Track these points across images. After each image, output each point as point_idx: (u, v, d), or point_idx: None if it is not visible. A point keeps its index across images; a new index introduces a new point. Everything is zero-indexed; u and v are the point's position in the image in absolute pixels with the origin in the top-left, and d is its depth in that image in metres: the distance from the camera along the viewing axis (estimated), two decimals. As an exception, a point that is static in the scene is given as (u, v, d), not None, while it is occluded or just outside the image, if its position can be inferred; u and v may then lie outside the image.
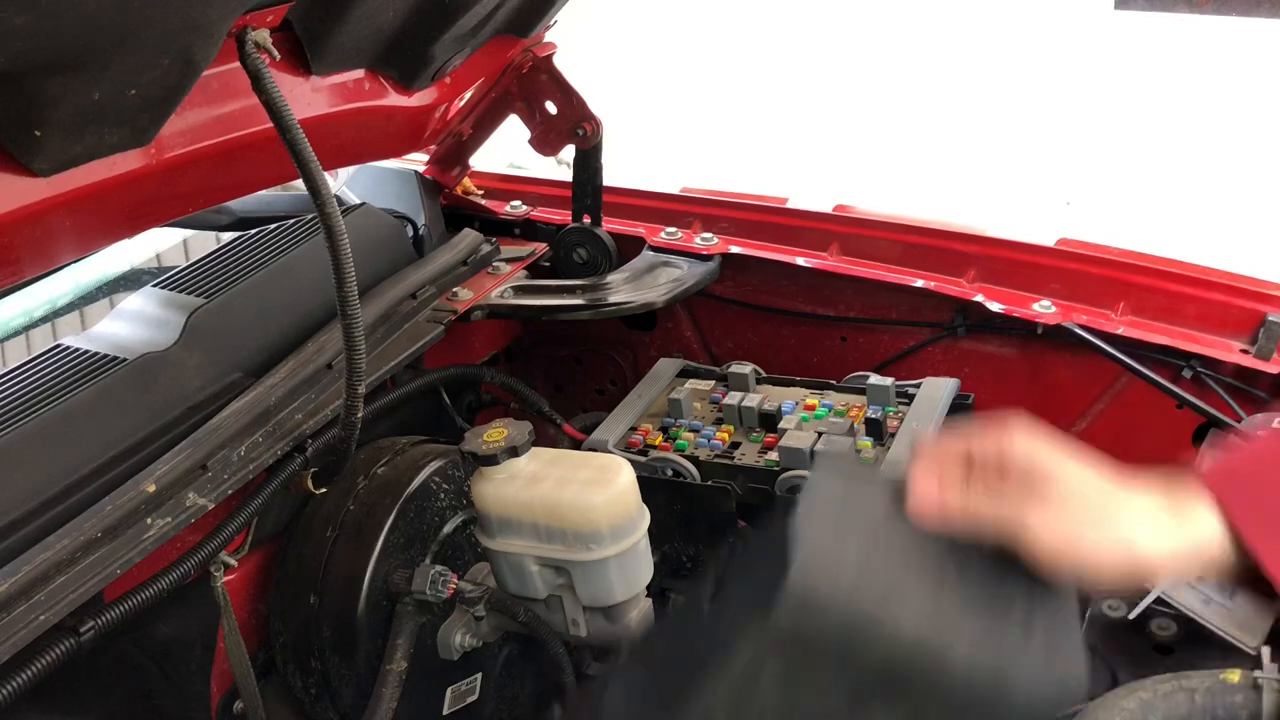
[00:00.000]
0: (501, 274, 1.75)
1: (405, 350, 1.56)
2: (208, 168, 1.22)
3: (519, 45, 1.63)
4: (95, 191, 1.09)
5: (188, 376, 1.39)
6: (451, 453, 1.47)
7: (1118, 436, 1.54)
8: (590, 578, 1.30)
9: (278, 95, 1.09)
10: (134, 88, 0.99)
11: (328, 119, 1.31)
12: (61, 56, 0.89)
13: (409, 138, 1.63)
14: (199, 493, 1.25)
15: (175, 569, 1.23)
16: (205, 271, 1.58)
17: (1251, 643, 1.30)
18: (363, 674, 1.37)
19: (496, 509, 1.31)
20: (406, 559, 1.39)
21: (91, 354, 1.38)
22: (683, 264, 1.72)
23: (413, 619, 1.36)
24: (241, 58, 1.06)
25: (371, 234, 1.72)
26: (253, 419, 1.33)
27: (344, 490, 1.43)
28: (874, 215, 1.75)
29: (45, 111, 0.94)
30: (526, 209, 1.90)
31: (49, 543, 1.12)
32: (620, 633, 1.35)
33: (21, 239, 1.10)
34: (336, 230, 1.16)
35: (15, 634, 1.06)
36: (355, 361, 1.23)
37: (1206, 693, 1.17)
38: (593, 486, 1.27)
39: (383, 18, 1.25)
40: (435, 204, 1.89)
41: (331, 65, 1.29)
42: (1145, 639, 1.47)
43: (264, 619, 1.46)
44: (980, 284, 1.58)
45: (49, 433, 1.25)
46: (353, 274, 1.18)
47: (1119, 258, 1.55)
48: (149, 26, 0.92)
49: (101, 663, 1.26)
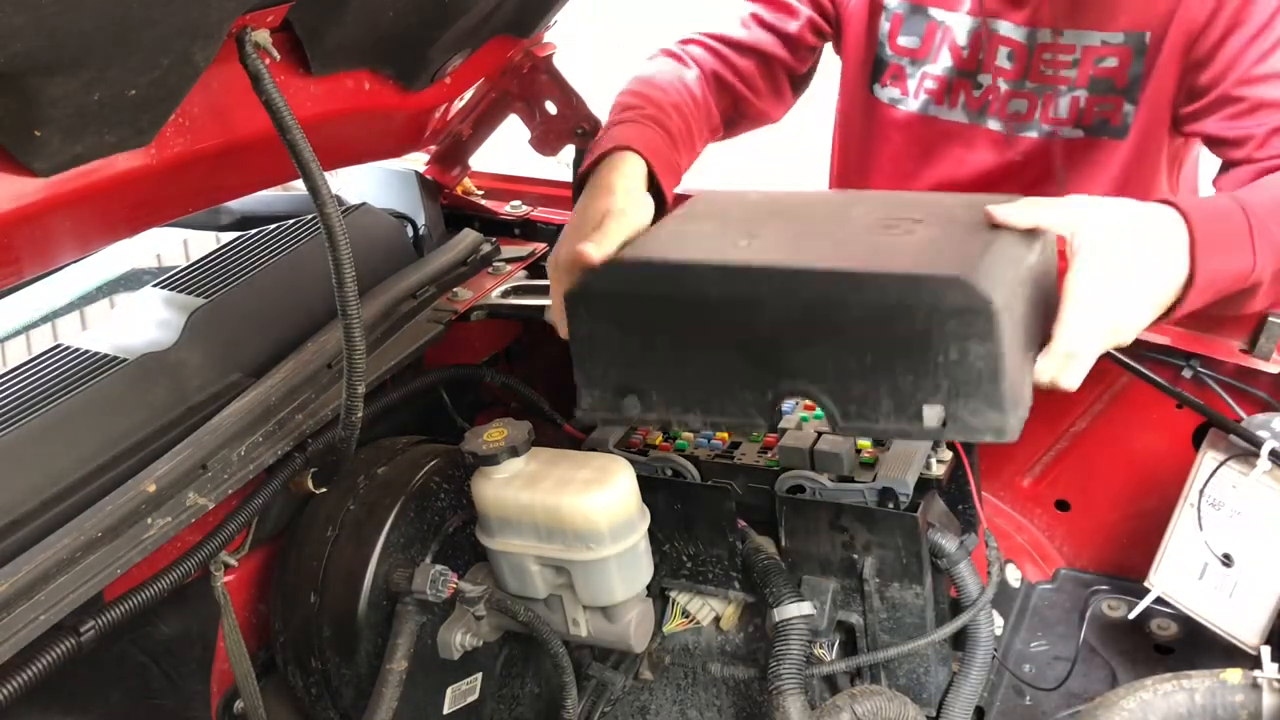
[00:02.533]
0: (502, 274, 1.75)
1: (405, 350, 1.56)
2: (208, 168, 1.22)
3: (519, 46, 1.63)
4: (95, 192, 1.09)
5: (188, 376, 1.39)
6: (452, 453, 1.47)
7: (1118, 436, 1.54)
8: (590, 577, 1.30)
9: (277, 96, 1.09)
10: (134, 88, 0.99)
11: (327, 119, 1.31)
12: (61, 57, 0.89)
13: (409, 138, 1.63)
14: (199, 492, 1.25)
15: (175, 569, 1.23)
16: (205, 271, 1.58)
17: (1251, 643, 1.30)
18: (363, 673, 1.37)
19: (496, 509, 1.31)
20: (407, 559, 1.40)
21: (92, 354, 1.38)
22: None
23: (413, 619, 1.36)
24: (241, 58, 1.07)
25: (371, 234, 1.72)
26: (253, 419, 1.33)
27: (344, 490, 1.43)
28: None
29: (45, 112, 0.94)
30: (526, 209, 1.90)
31: (49, 543, 1.12)
32: (620, 632, 1.35)
33: (21, 239, 1.10)
34: (336, 230, 1.16)
35: (15, 634, 1.06)
36: (355, 361, 1.23)
37: (1206, 692, 1.17)
38: (593, 486, 1.27)
39: (383, 18, 1.25)
40: (435, 204, 1.89)
41: (331, 65, 1.29)
42: (1145, 639, 1.48)
43: (264, 619, 1.47)
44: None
45: (49, 433, 1.25)
46: (353, 274, 1.19)
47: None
48: (149, 27, 0.92)
49: (101, 663, 1.26)
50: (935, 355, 1.04)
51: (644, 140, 1.43)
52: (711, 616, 1.48)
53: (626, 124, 1.46)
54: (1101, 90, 1.60)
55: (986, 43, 1.65)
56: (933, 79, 1.73)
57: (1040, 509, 1.65)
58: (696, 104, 1.62)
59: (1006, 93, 1.67)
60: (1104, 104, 1.61)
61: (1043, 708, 1.49)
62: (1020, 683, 1.52)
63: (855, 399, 1.09)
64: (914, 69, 1.73)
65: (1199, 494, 1.33)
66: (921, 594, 1.35)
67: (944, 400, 1.06)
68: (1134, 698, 1.17)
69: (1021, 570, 1.58)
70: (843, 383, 1.09)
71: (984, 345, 1.03)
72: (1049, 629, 1.56)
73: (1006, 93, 1.67)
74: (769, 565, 1.37)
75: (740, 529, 1.41)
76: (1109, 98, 1.60)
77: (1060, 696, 1.49)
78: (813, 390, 1.11)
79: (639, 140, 1.42)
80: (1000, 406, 1.05)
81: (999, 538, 1.52)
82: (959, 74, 1.70)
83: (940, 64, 1.71)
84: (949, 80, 1.71)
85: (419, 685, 1.38)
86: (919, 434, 1.08)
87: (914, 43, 1.71)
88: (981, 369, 1.04)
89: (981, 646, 1.37)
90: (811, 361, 1.10)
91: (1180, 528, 1.35)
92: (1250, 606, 1.30)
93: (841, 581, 1.38)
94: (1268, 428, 1.29)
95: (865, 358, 1.07)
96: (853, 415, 1.10)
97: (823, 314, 1.08)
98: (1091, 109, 1.62)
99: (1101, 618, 1.52)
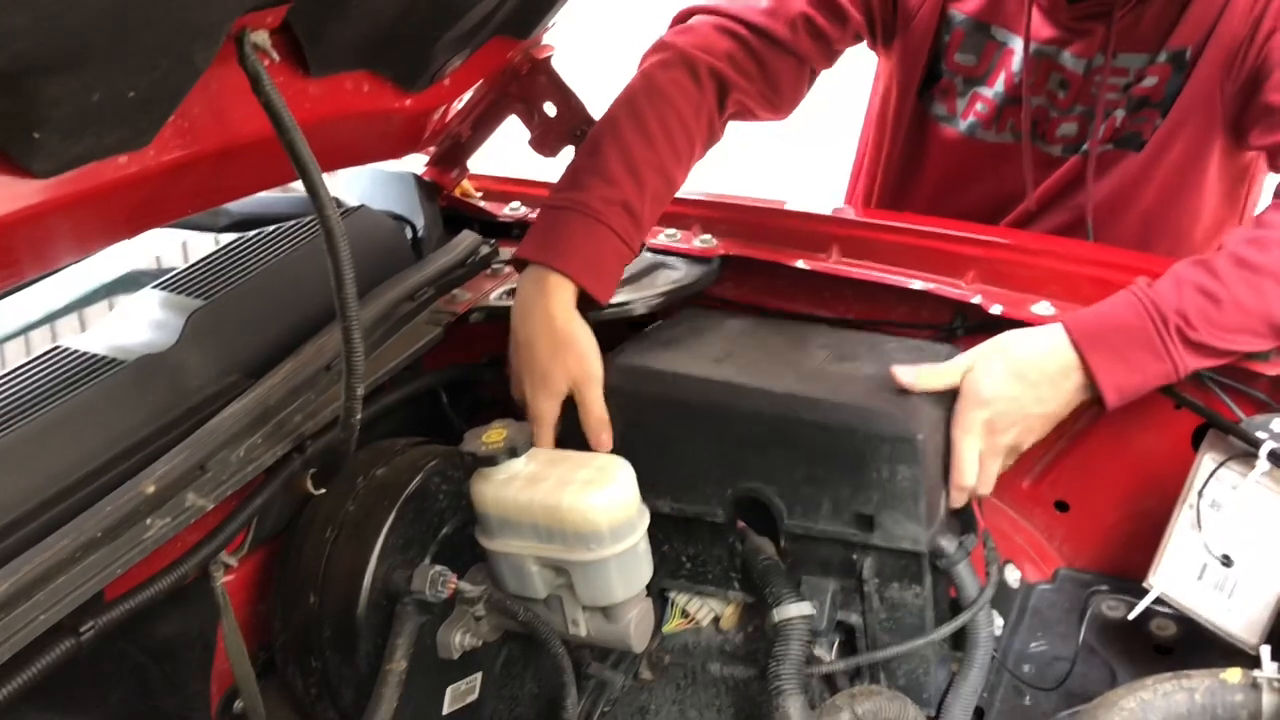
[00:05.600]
0: (501, 275, 1.75)
1: (404, 352, 1.56)
2: (207, 169, 1.22)
3: (518, 47, 1.63)
4: (94, 193, 1.09)
5: (187, 378, 1.39)
6: (451, 453, 1.47)
7: (1117, 436, 1.54)
8: (590, 578, 1.30)
9: (276, 97, 1.09)
10: (133, 89, 0.99)
11: (326, 120, 1.31)
12: (61, 57, 0.89)
13: (408, 139, 1.63)
14: (199, 493, 1.25)
15: (175, 569, 1.23)
16: (205, 273, 1.58)
17: (1251, 642, 1.30)
18: (363, 673, 1.37)
19: (496, 509, 1.31)
20: (406, 559, 1.40)
21: (91, 355, 1.38)
22: (682, 266, 1.71)
23: (413, 619, 1.36)
24: (240, 59, 1.07)
25: (370, 236, 1.72)
26: (252, 420, 1.33)
27: (343, 491, 1.43)
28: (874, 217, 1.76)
29: (44, 112, 0.94)
30: (525, 210, 1.90)
31: (49, 543, 1.12)
32: (620, 632, 1.35)
33: (20, 240, 1.10)
34: (335, 232, 1.16)
35: (15, 634, 1.06)
36: (354, 363, 1.23)
37: (1206, 692, 1.17)
38: (593, 486, 1.27)
39: (382, 20, 1.25)
40: (434, 206, 1.89)
41: (330, 67, 1.29)
42: (1145, 639, 1.48)
43: (264, 619, 1.47)
44: (980, 285, 1.58)
45: (49, 433, 1.25)
46: (352, 276, 1.19)
47: (1119, 258, 1.55)
48: (149, 28, 0.92)
49: (101, 663, 1.26)
50: (870, 472, 1.28)
51: (590, 252, 1.42)
52: (711, 617, 1.48)
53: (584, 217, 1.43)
54: (1136, 106, 1.59)
55: (1039, 70, 1.62)
56: (984, 102, 1.70)
57: (1040, 509, 1.65)
58: (693, 140, 1.55)
59: (1056, 119, 1.66)
60: (1138, 118, 1.60)
61: (1043, 708, 1.49)
62: (1020, 683, 1.52)
63: (801, 501, 1.33)
64: (966, 88, 1.70)
65: (1198, 495, 1.33)
66: (921, 594, 1.35)
67: (874, 510, 1.30)
68: (1134, 698, 1.18)
69: (1021, 570, 1.58)
70: (792, 487, 1.33)
71: (909, 469, 1.27)
72: (1049, 629, 1.56)
73: (1056, 119, 1.66)
74: (768, 565, 1.37)
75: (739, 529, 1.41)
76: (1143, 111, 1.60)
77: (1060, 696, 1.49)
78: (766, 491, 1.34)
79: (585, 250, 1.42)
80: (919, 520, 1.29)
81: (998, 538, 1.52)
82: (1009, 100, 1.68)
83: (994, 88, 1.68)
84: (999, 105, 1.69)
85: (419, 685, 1.38)
86: (851, 537, 1.32)
87: (971, 60, 1.68)
88: (906, 488, 1.28)
89: (981, 647, 1.37)
90: (768, 467, 1.34)
91: (1180, 528, 1.35)
92: (1250, 606, 1.30)
93: (841, 582, 1.38)
94: (1267, 429, 1.29)
95: (812, 468, 1.31)
96: (797, 515, 1.34)
97: (781, 428, 1.31)
98: (1125, 125, 1.61)
99: (1101, 618, 1.52)
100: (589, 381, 1.38)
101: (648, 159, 1.48)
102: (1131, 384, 1.31)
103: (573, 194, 1.46)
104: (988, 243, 1.61)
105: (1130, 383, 1.31)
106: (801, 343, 1.47)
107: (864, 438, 1.27)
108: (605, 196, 1.44)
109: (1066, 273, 1.54)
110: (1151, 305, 1.31)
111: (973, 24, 1.66)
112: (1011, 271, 1.57)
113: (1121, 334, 1.31)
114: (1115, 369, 1.30)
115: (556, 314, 1.40)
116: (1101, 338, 1.31)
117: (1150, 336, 1.30)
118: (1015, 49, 1.64)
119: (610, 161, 1.47)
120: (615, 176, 1.46)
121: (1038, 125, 1.68)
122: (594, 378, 1.38)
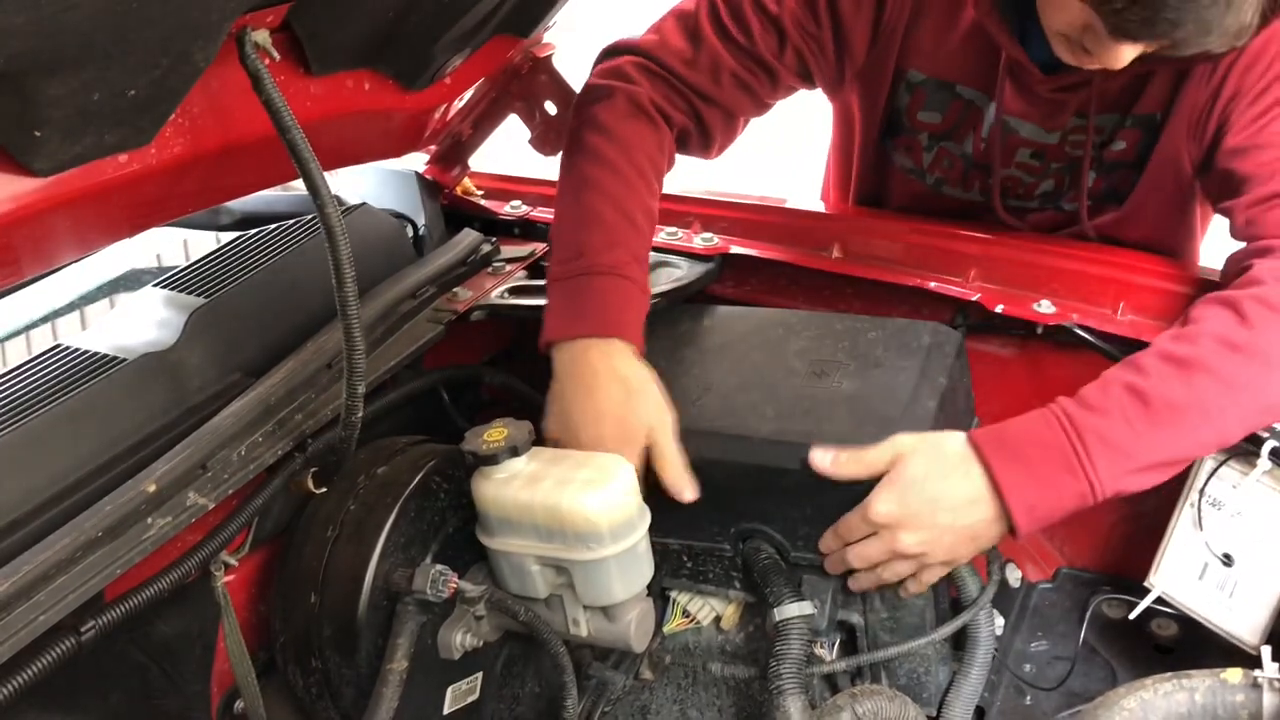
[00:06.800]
0: (502, 274, 1.75)
1: (405, 350, 1.56)
2: (208, 168, 1.22)
3: (519, 46, 1.63)
4: (95, 192, 1.09)
5: (188, 376, 1.39)
6: (452, 452, 1.47)
7: (1118, 436, 1.53)
8: (590, 577, 1.30)
9: (277, 96, 1.09)
10: (134, 88, 0.99)
11: (327, 119, 1.31)
12: (61, 57, 0.89)
13: (409, 138, 1.63)
14: (199, 492, 1.25)
15: (176, 569, 1.23)
16: (205, 271, 1.58)
17: (1251, 642, 1.30)
18: (363, 673, 1.37)
19: (496, 509, 1.31)
20: (407, 558, 1.40)
21: (91, 354, 1.38)
22: (683, 264, 1.72)
23: (413, 619, 1.36)
24: (241, 58, 1.07)
25: (371, 234, 1.72)
26: (253, 419, 1.33)
27: (344, 490, 1.43)
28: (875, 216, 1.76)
29: (45, 112, 0.94)
30: (526, 209, 1.90)
31: (49, 543, 1.12)
32: (621, 632, 1.35)
33: (21, 239, 1.10)
34: (336, 230, 1.16)
35: (15, 634, 1.06)
36: (355, 361, 1.23)
37: (1207, 692, 1.17)
38: (593, 486, 1.27)
39: (383, 18, 1.25)
40: (435, 204, 1.89)
41: (331, 66, 1.29)
42: (1145, 639, 1.47)
43: (264, 619, 1.47)
44: (981, 284, 1.58)
45: (49, 433, 1.25)
46: (353, 274, 1.19)
47: (1119, 258, 1.55)
48: (149, 27, 0.92)
49: (101, 663, 1.26)
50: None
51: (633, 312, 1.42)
52: (712, 616, 1.48)
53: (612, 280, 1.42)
54: (1111, 168, 1.57)
55: (1008, 145, 1.58)
56: (951, 159, 1.65)
57: (1040, 509, 1.65)
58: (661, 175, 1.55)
59: (1032, 183, 1.62)
60: (1113, 177, 1.58)
61: (1043, 708, 1.49)
62: (1020, 682, 1.52)
63: (801, 537, 1.34)
64: (932, 143, 1.65)
65: (1199, 494, 1.33)
66: (921, 594, 1.35)
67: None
68: (1134, 697, 1.17)
69: (1022, 570, 1.58)
70: (789, 525, 1.34)
71: None
72: (1049, 629, 1.56)
73: (1032, 183, 1.62)
74: (769, 565, 1.37)
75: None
76: (1118, 172, 1.58)
77: (1060, 696, 1.49)
78: (766, 529, 1.36)
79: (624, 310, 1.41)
80: None
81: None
82: (977, 166, 1.63)
83: (962, 147, 1.62)
84: (965, 169, 1.64)
85: (419, 685, 1.38)
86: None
87: (935, 118, 1.62)
88: None
89: (981, 646, 1.37)
90: (762, 509, 1.35)
91: (1180, 528, 1.35)
92: (1250, 606, 1.30)
93: (842, 581, 1.38)
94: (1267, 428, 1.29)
95: (806, 508, 1.32)
96: (800, 548, 1.35)
97: (768, 476, 1.31)
98: (1101, 184, 1.59)
99: (1102, 618, 1.52)
100: (665, 428, 1.34)
101: (639, 206, 1.48)
102: (1045, 504, 1.24)
103: (588, 260, 1.42)
104: (989, 241, 1.61)
105: (1044, 502, 1.24)
106: (779, 349, 1.45)
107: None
108: (618, 256, 1.43)
109: (1068, 271, 1.54)
110: (1065, 417, 1.24)
111: (935, 84, 1.58)
112: (1013, 270, 1.57)
113: (1032, 450, 1.24)
114: (1025, 490, 1.23)
115: (627, 371, 1.37)
116: (1012, 460, 1.24)
117: (1062, 455, 1.22)
118: (984, 110, 1.58)
119: (607, 218, 1.45)
120: (619, 235, 1.45)
121: (1010, 190, 1.64)
122: (670, 424, 1.35)
